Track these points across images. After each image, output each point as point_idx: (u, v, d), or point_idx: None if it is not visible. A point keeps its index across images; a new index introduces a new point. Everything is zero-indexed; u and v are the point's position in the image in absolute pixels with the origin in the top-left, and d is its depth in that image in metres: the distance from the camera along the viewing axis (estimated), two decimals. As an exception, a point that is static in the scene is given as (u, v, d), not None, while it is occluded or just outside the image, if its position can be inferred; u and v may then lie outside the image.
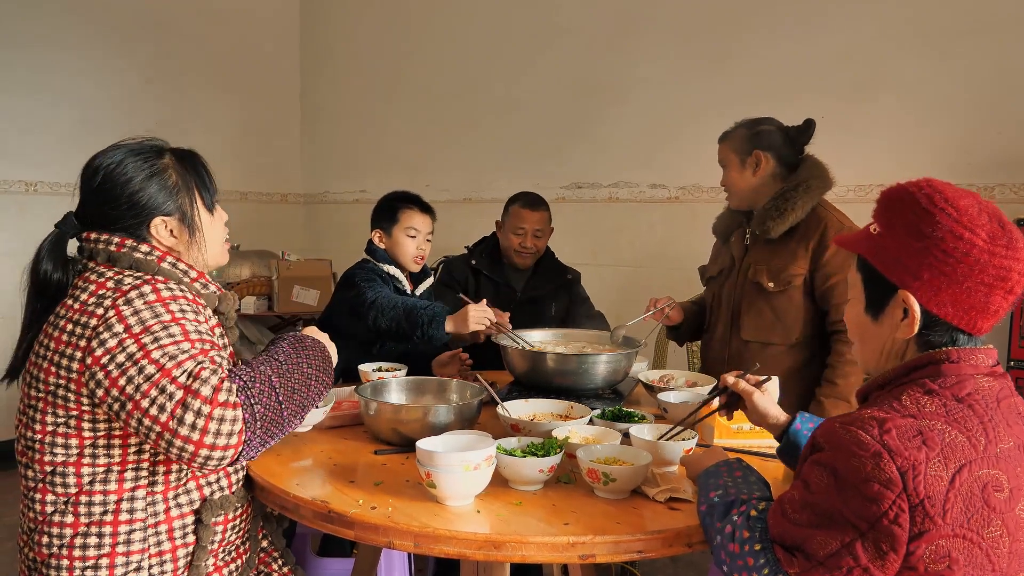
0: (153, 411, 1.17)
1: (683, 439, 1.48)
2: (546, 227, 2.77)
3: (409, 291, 2.39)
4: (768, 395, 1.42)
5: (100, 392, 1.21)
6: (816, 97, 3.02)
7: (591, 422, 1.68)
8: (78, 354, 1.23)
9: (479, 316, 2.12)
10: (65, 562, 1.27)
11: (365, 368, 2.05)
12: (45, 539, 1.28)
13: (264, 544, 1.55)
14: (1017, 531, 0.98)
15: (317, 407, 1.52)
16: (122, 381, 1.19)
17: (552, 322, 2.65)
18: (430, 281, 2.51)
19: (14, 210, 3.94)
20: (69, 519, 1.27)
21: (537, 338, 2.25)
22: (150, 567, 1.30)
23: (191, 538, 1.34)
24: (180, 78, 4.59)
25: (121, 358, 1.19)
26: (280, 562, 1.56)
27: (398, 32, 4.67)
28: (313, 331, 1.48)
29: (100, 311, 1.23)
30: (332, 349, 1.47)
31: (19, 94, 3.92)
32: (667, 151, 3.57)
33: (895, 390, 1.08)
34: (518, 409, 1.74)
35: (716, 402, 1.50)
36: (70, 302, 1.29)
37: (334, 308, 2.38)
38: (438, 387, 1.88)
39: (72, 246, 1.40)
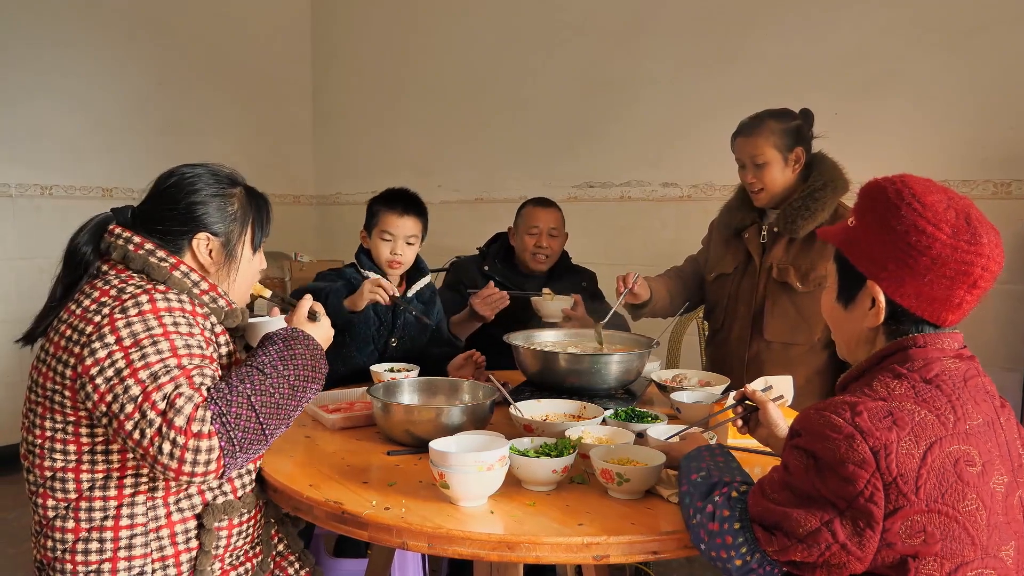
0: (136, 435, 1.16)
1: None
2: (560, 227, 2.74)
3: (398, 293, 2.26)
4: (780, 412, 1.43)
5: (90, 404, 1.20)
6: (827, 95, 3.00)
7: (604, 422, 1.68)
8: (72, 360, 1.23)
9: (372, 287, 2.10)
10: (69, 566, 1.27)
11: (377, 369, 2.05)
12: (49, 543, 1.29)
13: (280, 548, 1.55)
14: (993, 504, 1.01)
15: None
16: (109, 397, 1.18)
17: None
18: (427, 279, 2.39)
19: (30, 213, 3.97)
20: (70, 524, 1.27)
21: (550, 337, 2.24)
22: (153, 571, 1.30)
23: (194, 543, 1.34)
24: (192, 81, 4.61)
25: (110, 372, 1.19)
26: (297, 565, 1.56)
27: (409, 33, 4.68)
28: (303, 323, 1.45)
29: (97, 319, 1.23)
30: (324, 335, 1.47)
31: (32, 98, 3.95)
32: (679, 149, 3.56)
33: (867, 377, 1.12)
34: (531, 409, 1.73)
35: (731, 400, 1.51)
36: (73, 307, 1.28)
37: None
38: (450, 387, 1.87)
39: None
